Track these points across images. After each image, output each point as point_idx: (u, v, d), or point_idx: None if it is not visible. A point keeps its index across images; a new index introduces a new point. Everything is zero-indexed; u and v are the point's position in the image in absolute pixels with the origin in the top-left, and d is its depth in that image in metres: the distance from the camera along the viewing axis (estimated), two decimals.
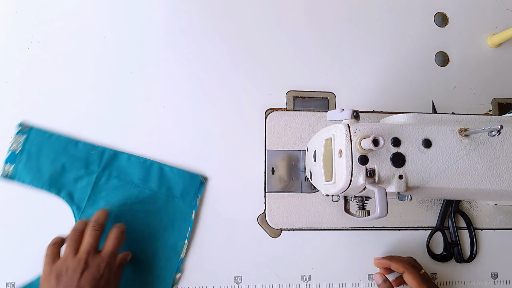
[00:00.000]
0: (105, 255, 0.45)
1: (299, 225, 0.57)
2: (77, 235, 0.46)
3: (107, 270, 0.44)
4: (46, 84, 0.57)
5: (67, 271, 0.43)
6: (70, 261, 0.43)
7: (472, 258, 0.57)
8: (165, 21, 0.60)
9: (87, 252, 0.44)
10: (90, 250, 0.45)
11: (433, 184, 0.42)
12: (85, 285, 0.42)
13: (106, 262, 0.44)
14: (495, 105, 0.62)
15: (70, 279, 0.42)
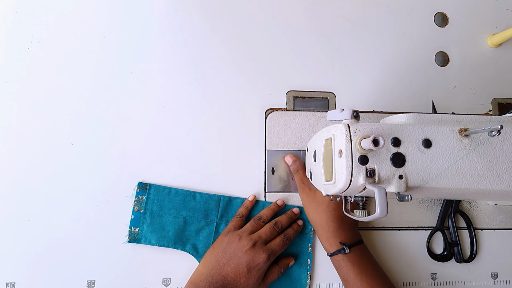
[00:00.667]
0: (269, 248, 0.51)
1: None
2: (260, 223, 0.54)
3: (264, 261, 0.50)
4: (46, 84, 0.57)
5: (238, 241, 0.51)
6: (244, 236, 0.51)
7: (472, 258, 0.57)
8: (165, 21, 0.60)
9: (259, 237, 0.51)
10: (262, 237, 0.52)
11: (433, 184, 0.42)
12: (244, 261, 0.50)
13: (267, 254, 0.50)
14: (495, 105, 0.62)
15: (236, 249, 0.50)
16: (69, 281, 0.53)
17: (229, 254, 0.50)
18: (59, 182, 0.55)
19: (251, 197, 0.56)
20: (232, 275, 0.50)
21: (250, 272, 0.50)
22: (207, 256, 0.52)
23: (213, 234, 0.55)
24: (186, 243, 0.54)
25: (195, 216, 0.55)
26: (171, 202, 0.55)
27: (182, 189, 0.55)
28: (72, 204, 0.54)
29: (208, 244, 0.54)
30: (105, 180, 0.55)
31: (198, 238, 0.55)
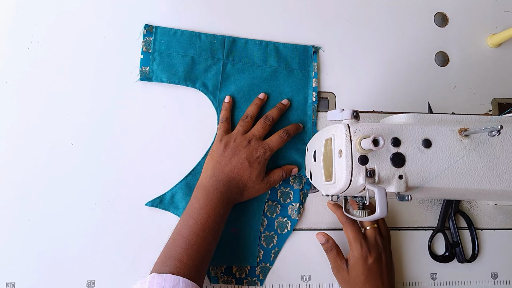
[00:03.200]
0: (266, 144, 0.53)
1: (299, 225, 0.57)
2: (249, 121, 0.55)
3: (263, 155, 0.52)
4: (46, 84, 0.57)
5: (234, 142, 0.53)
6: (238, 137, 0.53)
7: (474, 258, 0.57)
8: (166, 21, 0.60)
9: (254, 135, 0.53)
10: (256, 135, 0.53)
11: (433, 184, 0.42)
12: (244, 157, 0.52)
13: (264, 149, 0.53)
14: (495, 105, 0.62)
15: (234, 149, 0.52)
16: (69, 281, 0.53)
17: (228, 155, 0.52)
18: (59, 182, 0.55)
19: (227, 98, 0.56)
20: (235, 170, 0.51)
21: (251, 165, 0.52)
22: (207, 162, 0.53)
23: (221, 72, 0.57)
24: (196, 80, 0.57)
25: (202, 55, 0.57)
26: (178, 42, 0.57)
27: (186, 30, 0.57)
28: (72, 204, 0.54)
29: (216, 81, 0.57)
30: (105, 180, 0.55)
31: (206, 76, 0.57)
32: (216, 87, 0.57)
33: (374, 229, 0.52)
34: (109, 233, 0.54)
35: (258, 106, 0.56)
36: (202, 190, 0.51)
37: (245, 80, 0.58)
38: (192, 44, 0.57)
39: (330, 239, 0.53)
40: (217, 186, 0.51)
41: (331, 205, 0.56)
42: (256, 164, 0.52)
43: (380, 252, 0.51)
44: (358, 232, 0.52)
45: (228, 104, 0.56)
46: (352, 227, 0.52)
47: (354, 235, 0.51)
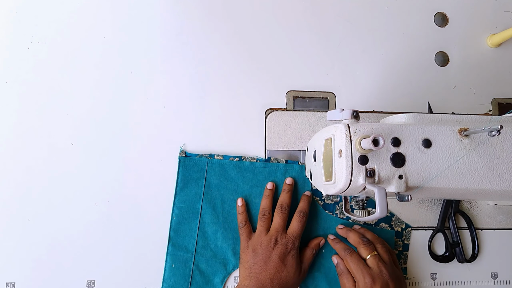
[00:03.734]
0: (291, 234, 0.52)
1: None
2: (267, 217, 0.53)
3: (293, 247, 0.51)
4: (46, 84, 0.57)
5: (261, 245, 0.51)
6: (263, 238, 0.52)
7: (474, 258, 0.57)
8: (166, 21, 0.60)
9: (277, 231, 0.52)
10: (279, 229, 0.52)
11: (433, 184, 0.42)
12: (276, 258, 0.50)
13: (292, 241, 0.51)
14: (495, 105, 0.62)
15: (264, 252, 0.51)
16: (69, 281, 0.53)
17: (260, 261, 0.50)
18: (59, 182, 0.55)
19: (239, 201, 0.55)
20: (271, 275, 0.50)
21: (286, 263, 0.50)
22: (241, 274, 0.52)
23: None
24: None
25: None
26: None
27: None
28: (72, 204, 0.54)
29: None
30: (105, 180, 0.55)
31: None
32: None
33: (374, 257, 0.50)
34: (109, 233, 0.54)
35: (270, 198, 0.55)
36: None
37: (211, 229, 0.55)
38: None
39: (340, 264, 0.53)
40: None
41: (330, 240, 0.55)
42: (290, 260, 0.51)
43: (386, 280, 0.48)
44: (359, 262, 0.50)
45: (241, 207, 0.54)
46: (351, 258, 0.51)
47: (355, 266, 0.50)
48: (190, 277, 0.54)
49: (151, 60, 0.59)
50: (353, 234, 0.53)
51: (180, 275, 0.54)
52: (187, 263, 0.54)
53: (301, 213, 0.53)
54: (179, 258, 0.54)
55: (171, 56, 0.59)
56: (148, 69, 0.58)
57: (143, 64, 0.58)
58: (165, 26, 0.60)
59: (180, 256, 0.54)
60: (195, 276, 0.54)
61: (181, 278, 0.54)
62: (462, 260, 0.57)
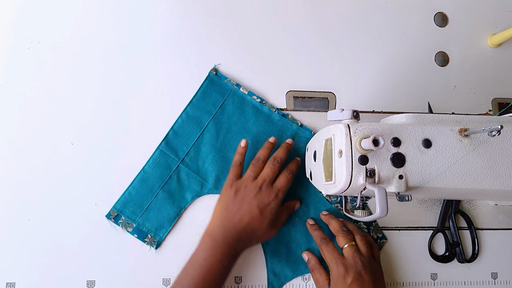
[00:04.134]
0: (276, 188, 0.52)
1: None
2: (260, 165, 0.53)
3: (274, 200, 0.51)
4: (46, 84, 0.57)
5: (245, 188, 0.51)
6: (249, 183, 0.52)
7: (474, 258, 0.57)
8: (166, 21, 0.60)
9: (264, 180, 0.52)
10: (266, 180, 0.52)
11: (433, 184, 0.42)
12: (255, 205, 0.50)
13: (275, 193, 0.51)
14: (495, 105, 0.62)
15: (245, 196, 0.51)
16: (69, 281, 0.53)
17: (238, 202, 0.50)
18: (59, 182, 0.55)
19: (243, 142, 0.54)
20: (245, 219, 0.50)
21: (262, 214, 0.50)
22: (216, 209, 0.52)
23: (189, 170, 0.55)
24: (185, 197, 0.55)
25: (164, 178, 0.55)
26: (139, 195, 0.55)
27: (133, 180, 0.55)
28: (72, 204, 0.54)
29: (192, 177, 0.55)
30: (105, 180, 0.55)
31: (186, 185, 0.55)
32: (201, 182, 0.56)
33: (351, 247, 0.50)
34: (109, 233, 0.54)
35: (269, 149, 0.54)
36: (208, 239, 0.50)
37: (209, 152, 0.56)
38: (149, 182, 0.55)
39: (312, 259, 0.53)
40: (225, 237, 0.49)
41: (309, 225, 0.55)
42: (267, 213, 0.50)
43: (360, 271, 0.47)
44: (333, 252, 0.50)
45: (243, 148, 0.54)
46: (327, 247, 0.51)
47: (329, 255, 0.50)
48: (167, 179, 0.55)
49: (151, 60, 0.59)
50: (335, 222, 0.53)
51: (159, 171, 0.55)
52: (170, 165, 0.55)
53: (289, 171, 0.53)
54: (166, 157, 0.55)
55: (171, 56, 0.59)
56: (148, 69, 0.58)
57: (143, 64, 0.58)
58: (165, 26, 0.60)
59: (168, 156, 0.56)
60: (171, 180, 0.55)
61: (159, 175, 0.55)
62: (462, 260, 0.57)
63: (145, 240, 0.54)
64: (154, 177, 0.55)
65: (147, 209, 0.55)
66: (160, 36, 0.59)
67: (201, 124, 0.57)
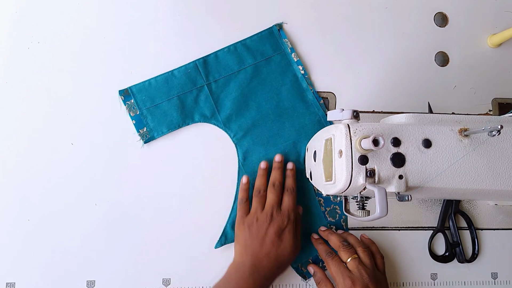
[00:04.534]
0: (285, 209, 0.52)
1: None
2: (262, 195, 0.54)
3: (289, 221, 0.52)
4: (46, 84, 0.57)
5: (257, 221, 0.52)
6: (259, 214, 0.52)
7: (474, 258, 0.57)
8: (166, 21, 0.60)
9: (272, 207, 0.52)
10: (274, 206, 0.52)
11: (433, 184, 0.42)
12: (272, 233, 0.51)
13: (287, 215, 0.52)
14: (495, 105, 0.62)
15: (260, 228, 0.51)
16: (69, 281, 0.53)
17: (256, 237, 0.51)
18: (59, 182, 0.55)
19: (245, 179, 0.55)
20: (268, 250, 0.50)
21: (282, 238, 0.51)
22: (236, 250, 0.52)
23: (210, 95, 0.57)
24: (193, 115, 0.57)
25: (185, 89, 0.57)
26: (157, 90, 0.57)
27: (158, 75, 0.57)
28: (72, 204, 0.54)
29: (211, 106, 0.57)
30: (105, 180, 0.55)
31: (200, 106, 0.57)
32: (214, 111, 0.57)
33: (354, 260, 0.50)
34: (109, 233, 0.54)
35: (265, 176, 0.55)
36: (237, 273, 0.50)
37: (235, 91, 0.58)
38: (171, 85, 0.57)
39: (318, 272, 0.53)
40: (253, 273, 0.49)
41: (314, 239, 0.55)
42: (287, 235, 0.51)
43: (367, 283, 0.48)
44: (339, 265, 0.50)
45: (245, 185, 0.55)
46: (333, 261, 0.51)
47: (335, 269, 0.50)
48: (187, 91, 0.57)
49: (151, 60, 0.59)
50: (335, 238, 0.53)
51: (184, 81, 0.57)
52: (196, 81, 0.57)
53: (289, 190, 0.54)
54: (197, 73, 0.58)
55: (172, 55, 0.59)
56: (148, 69, 0.58)
57: (143, 64, 0.58)
58: (165, 26, 0.60)
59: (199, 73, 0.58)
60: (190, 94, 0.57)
61: (182, 84, 0.57)
62: (462, 260, 0.57)
63: (139, 131, 0.56)
64: (178, 83, 0.57)
65: (156, 105, 0.56)
66: (160, 36, 0.59)
67: (242, 63, 0.58)
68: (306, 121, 0.58)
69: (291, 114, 0.58)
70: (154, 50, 0.59)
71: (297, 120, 0.58)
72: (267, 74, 0.59)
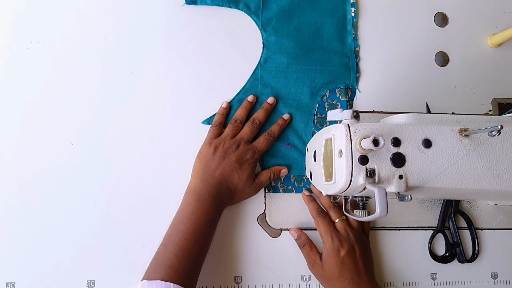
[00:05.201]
0: (253, 146, 0.54)
1: (299, 225, 0.57)
2: (238, 125, 0.55)
3: (252, 157, 0.53)
4: (46, 84, 0.57)
5: (223, 146, 0.53)
6: (227, 140, 0.54)
7: (475, 258, 0.57)
8: (166, 21, 0.60)
9: (242, 138, 0.54)
10: (245, 138, 0.54)
11: (433, 184, 0.42)
12: (233, 159, 0.52)
13: (253, 151, 0.54)
14: (495, 105, 0.62)
15: (223, 152, 0.53)
16: (69, 281, 0.53)
17: (217, 158, 0.52)
18: (59, 182, 0.55)
19: (225, 104, 0.56)
20: (226, 173, 0.52)
21: (241, 167, 0.52)
22: (195, 166, 0.53)
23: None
24: (239, 1, 0.59)
25: None
26: None
27: None
28: (72, 204, 0.54)
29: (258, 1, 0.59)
30: (105, 180, 0.55)
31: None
32: (258, 7, 0.59)
33: (343, 221, 0.52)
34: (109, 233, 0.54)
35: (247, 109, 0.56)
36: (193, 194, 0.51)
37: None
38: None
39: (302, 235, 0.54)
40: (208, 190, 0.51)
41: (305, 196, 0.56)
42: (246, 167, 0.52)
43: (353, 244, 0.50)
44: (329, 225, 0.52)
45: (224, 109, 0.56)
46: (323, 220, 0.52)
47: (325, 228, 0.51)
48: None
49: (151, 60, 0.59)
50: (324, 198, 0.54)
51: None
52: None
53: (270, 133, 0.55)
54: None
55: (171, 56, 0.59)
56: (148, 69, 0.58)
57: (143, 64, 0.58)
58: (165, 26, 0.60)
59: None
60: None
61: None
62: (463, 260, 0.57)
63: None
64: None
65: None
66: (160, 36, 0.59)
67: None
68: (335, 60, 0.59)
69: (326, 46, 0.59)
70: (154, 49, 0.59)
71: (327, 56, 0.59)
72: (321, 0, 0.60)
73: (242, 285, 0.55)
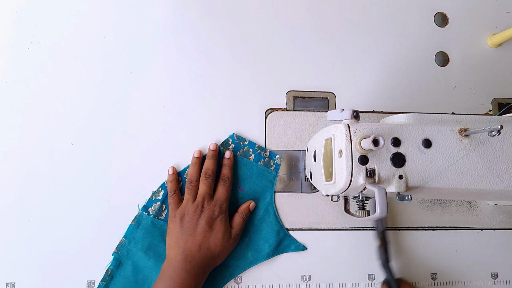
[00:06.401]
0: (217, 199, 0.53)
1: (299, 225, 0.57)
2: (193, 185, 0.53)
3: (221, 211, 0.52)
4: (46, 84, 0.57)
5: (188, 214, 0.52)
6: (190, 206, 0.52)
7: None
8: (166, 20, 0.60)
9: (203, 197, 0.52)
10: (205, 196, 0.52)
11: (433, 184, 0.42)
12: (203, 224, 0.51)
13: (219, 204, 0.52)
14: (495, 105, 0.62)
15: (191, 220, 0.51)
16: (69, 281, 0.53)
17: (187, 229, 0.51)
18: (59, 182, 0.55)
19: (171, 170, 0.55)
20: (199, 241, 0.50)
21: (213, 228, 0.51)
22: (168, 242, 0.52)
23: None
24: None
25: None
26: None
27: None
28: (72, 204, 0.54)
29: None
30: (105, 180, 0.55)
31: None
32: None
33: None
34: (109, 233, 0.54)
35: (198, 165, 0.55)
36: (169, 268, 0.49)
37: None
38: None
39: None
40: (184, 266, 0.49)
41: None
42: (218, 224, 0.51)
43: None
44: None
45: (172, 176, 0.55)
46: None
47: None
48: None
49: (151, 60, 0.59)
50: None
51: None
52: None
53: (224, 179, 0.54)
54: None
55: (171, 56, 0.59)
56: (148, 69, 0.58)
57: (143, 64, 0.58)
58: (165, 26, 0.60)
59: None
60: None
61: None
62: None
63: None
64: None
65: None
66: (160, 36, 0.59)
67: None
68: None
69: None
70: (154, 50, 0.59)
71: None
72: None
73: (242, 285, 0.55)
